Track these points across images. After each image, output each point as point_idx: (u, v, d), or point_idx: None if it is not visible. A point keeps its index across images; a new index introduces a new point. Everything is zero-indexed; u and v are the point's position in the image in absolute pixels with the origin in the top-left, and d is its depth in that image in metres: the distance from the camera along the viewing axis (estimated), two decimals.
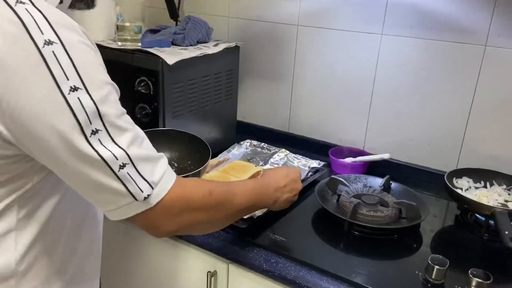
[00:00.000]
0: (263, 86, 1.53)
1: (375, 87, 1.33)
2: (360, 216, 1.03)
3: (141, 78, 1.13)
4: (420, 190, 1.25)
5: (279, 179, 0.90)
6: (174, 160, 1.12)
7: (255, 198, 0.82)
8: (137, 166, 0.59)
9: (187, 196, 0.66)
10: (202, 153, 1.07)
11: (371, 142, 1.38)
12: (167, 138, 1.11)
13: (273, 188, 0.88)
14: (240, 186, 0.80)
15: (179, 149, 1.12)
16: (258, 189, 0.83)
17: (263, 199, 0.85)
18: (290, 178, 0.92)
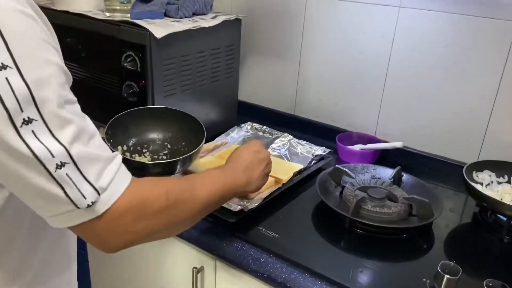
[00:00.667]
0: (268, 64, 1.41)
1: (391, 66, 1.19)
2: (364, 212, 0.92)
3: (128, 53, 1.03)
4: (436, 182, 1.14)
5: (243, 158, 0.84)
6: (167, 141, 1.03)
7: (224, 187, 0.74)
8: (80, 166, 0.50)
9: (141, 201, 0.57)
10: (197, 134, 0.98)
11: (384, 128, 1.26)
12: (160, 117, 1.02)
13: (241, 169, 0.81)
14: (203, 178, 0.72)
15: (172, 129, 1.03)
16: (224, 176, 0.76)
17: (233, 185, 0.77)
18: (252, 151, 0.86)
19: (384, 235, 0.90)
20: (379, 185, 1.02)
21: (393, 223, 0.91)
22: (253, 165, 0.84)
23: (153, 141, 1.04)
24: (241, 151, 0.86)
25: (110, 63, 1.07)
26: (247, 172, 0.82)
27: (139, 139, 1.02)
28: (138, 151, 1.01)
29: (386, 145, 1.18)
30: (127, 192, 0.54)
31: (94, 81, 1.15)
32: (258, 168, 0.85)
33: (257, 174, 0.84)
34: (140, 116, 1.00)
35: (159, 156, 1.02)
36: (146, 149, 1.02)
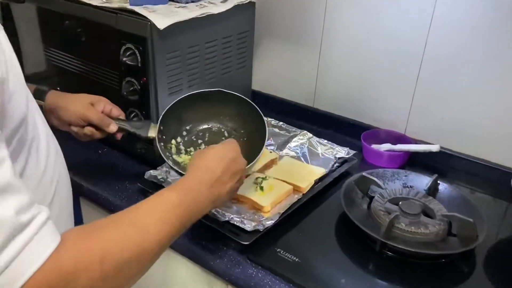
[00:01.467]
0: (284, 51, 1.27)
1: (427, 53, 1.04)
2: (397, 231, 0.81)
3: (127, 45, 0.90)
4: (475, 188, 1.01)
5: (212, 168, 0.67)
6: (224, 128, 0.95)
7: (182, 217, 0.58)
8: None
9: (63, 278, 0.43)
10: (255, 120, 0.89)
11: (415, 125, 1.12)
12: (214, 102, 0.92)
13: (208, 185, 0.65)
14: (154, 215, 0.55)
15: (229, 114, 0.95)
16: (184, 206, 0.59)
17: (195, 211, 0.62)
18: (227, 159, 0.69)
19: (420, 259, 0.78)
20: (413, 196, 0.90)
21: (431, 247, 0.79)
22: (223, 179, 0.67)
23: (209, 129, 0.95)
24: (211, 159, 0.68)
25: (109, 56, 0.95)
26: (215, 188, 0.66)
27: (194, 127, 0.93)
28: (193, 143, 0.92)
29: (420, 148, 1.04)
30: (42, 267, 0.42)
31: (92, 75, 1.03)
32: (229, 183, 0.68)
33: (227, 190, 0.68)
34: (193, 102, 0.90)
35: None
36: (201, 140, 0.93)
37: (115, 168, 1.03)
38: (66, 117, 0.83)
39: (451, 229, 0.83)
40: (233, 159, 0.70)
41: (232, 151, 0.71)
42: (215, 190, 0.66)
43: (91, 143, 1.02)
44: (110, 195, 0.93)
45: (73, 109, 0.83)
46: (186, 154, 0.91)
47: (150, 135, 0.85)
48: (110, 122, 0.85)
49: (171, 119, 0.89)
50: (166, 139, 0.88)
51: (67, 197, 0.70)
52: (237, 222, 0.81)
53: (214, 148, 0.71)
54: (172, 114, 0.88)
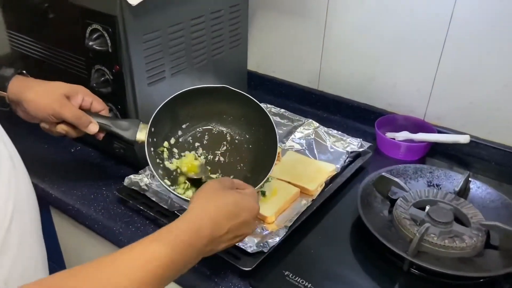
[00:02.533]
0: (284, 26, 1.10)
1: (452, 29, 0.88)
2: (427, 245, 0.67)
3: (93, 26, 0.73)
4: (507, 181, 0.88)
5: (220, 223, 0.53)
6: (226, 131, 0.82)
7: (167, 278, 0.47)
8: None
9: None
10: (263, 125, 0.78)
11: (437, 109, 0.97)
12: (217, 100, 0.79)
13: (205, 241, 0.51)
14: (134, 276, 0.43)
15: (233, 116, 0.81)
16: (174, 264, 0.47)
17: (182, 270, 0.50)
18: (239, 220, 0.55)
19: (455, 279, 0.66)
20: (441, 198, 0.76)
21: (469, 263, 0.66)
22: (224, 239, 0.54)
23: (209, 130, 0.81)
24: (224, 212, 0.54)
25: (73, 39, 0.79)
26: (210, 246, 0.53)
27: (191, 126, 0.80)
28: (189, 146, 0.78)
29: (445, 138, 0.90)
30: None
31: (59, 62, 0.86)
32: (227, 243, 0.55)
33: (219, 248, 0.55)
34: (193, 98, 0.77)
35: (215, 156, 0.79)
36: (199, 142, 0.79)
37: (90, 170, 0.88)
38: (35, 112, 0.68)
39: (489, 239, 0.70)
40: (247, 223, 0.57)
41: (249, 212, 0.57)
42: (209, 247, 0.53)
43: (61, 140, 0.87)
44: (84, 206, 0.79)
45: (43, 103, 0.68)
46: (179, 158, 0.76)
47: (138, 138, 0.71)
48: (89, 121, 0.70)
49: (164, 117, 0.74)
50: (157, 141, 0.74)
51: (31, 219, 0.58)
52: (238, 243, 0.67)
53: (233, 196, 0.57)
54: (166, 111, 0.73)
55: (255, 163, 0.77)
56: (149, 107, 0.77)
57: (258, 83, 1.19)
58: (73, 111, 0.69)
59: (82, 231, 0.83)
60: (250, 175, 0.72)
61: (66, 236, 0.93)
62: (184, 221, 0.51)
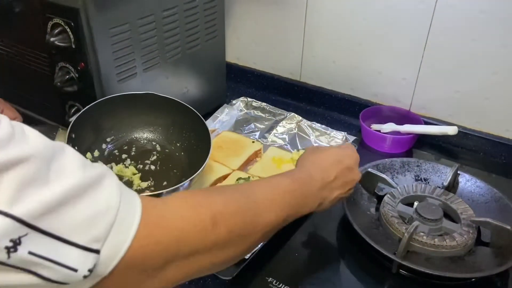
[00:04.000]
0: (262, 14, 1.05)
1: (437, 15, 0.85)
2: (416, 244, 0.64)
3: (54, 20, 0.68)
4: (496, 172, 0.86)
5: (327, 170, 0.60)
6: (155, 140, 0.78)
7: (291, 207, 0.53)
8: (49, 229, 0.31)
9: (171, 239, 0.39)
10: (196, 129, 0.75)
11: (423, 99, 0.94)
12: (144, 107, 0.76)
13: (319, 185, 0.58)
14: (267, 194, 0.51)
15: (162, 124, 0.78)
16: (296, 193, 0.54)
17: (303, 206, 0.56)
18: (343, 166, 0.61)
19: (445, 280, 0.63)
20: (429, 193, 0.74)
21: (460, 264, 0.63)
22: (335, 184, 0.60)
23: (137, 142, 0.76)
24: (328, 158, 0.61)
25: (34, 35, 0.73)
26: (324, 191, 0.58)
27: (116, 139, 0.75)
28: (115, 158, 0.73)
29: (432, 130, 0.87)
30: (141, 230, 0.36)
31: (20, 59, 0.80)
32: (339, 190, 0.60)
33: (333, 197, 0.60)
34: (117, 107, 0.73)
35: (145, 165, 0.74)
36: (126, 155, 0.74)
37: None
38: None
39: (480, 235, 0.68)
40: (350, 168, 0.62)
41: (351, 158, 0.63)
42: (324, 193, 0.58)
43: None
44: None
45: None
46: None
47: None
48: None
49: (86, 127, 0.70)
50: (79, 151, 0.68)
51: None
52: None
53: (332, 149, 0.64)
54: (88, 120, 0.69)
55: (189, 166, 0.73)
56: None
57: (238, 76, 1.14)
58: None
59: None
60: (184, 179, 0.68)
61: None
62: (298, 170, 0.59)
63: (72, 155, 0.35)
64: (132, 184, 0.71)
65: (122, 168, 0.73)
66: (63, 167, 0.33)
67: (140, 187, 0.71)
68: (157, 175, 0.74)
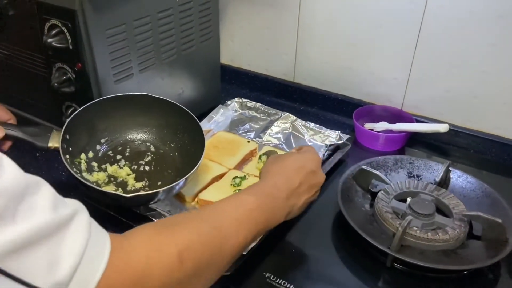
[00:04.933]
0: (256, 16, 1.07)
1: (427, 15, 0.87)
2: (410, 238, 0.66)
3: (52, 22, 0.68)
4: (486, 168, 0.87)
5: (291, 177, 0.60)
6: (149, 141, 0.79)
7: (259, 224, 0.54)
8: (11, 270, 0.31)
9: (138, 280, 0.39)
10: (190, 131, 0.76)
11: (414, 98, 0.96)
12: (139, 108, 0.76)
13: (285, 195, 0.59)
14: (232, 217, 0.51)
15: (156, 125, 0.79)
16: (262, 209, 0.55)
17: (271, 220, 0.57)
18: (306, 170, 0.62)
19: (439, 272, 0.64)
20: (422, 189, 0.75)
21: (452, 257, 0.64)
22: (300, 191, 0.61)
23: (131, 143, 0.77)
24: (290, 165, 0.62)
25: (30, 36, 0.73)
26: (291, 200, 0.59)
27: (111, 140, 0.76)
28: (110, 159, 0.74)
29: (424, 128, 0.89)
30: (107, 273, 0.36)
31: (16, 61, 0.81)
32: (305, 195, 0.62)
33: (301, 203, 0.61)
34: (111, 108, 0.73)
35: (139, 166, 0.75)
36: (121, 155, 0.75)
37: (58, 175, 0.83)
38: None
39: (472, 229, 0.69)
40: (313, 171, 0.63)
41: (312, 162, 0.64)
42: (291, 201, 0.59)
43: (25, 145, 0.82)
44: None
45: None
46: (100, 171, 0.72)
47: (50, 144, 0.66)
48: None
49: (81, 128, 0.70)
50: (73, 152, 0.69)
51: None
52: None
53: (293, 155, 0.65)
54: (82, 121, 0.70)
55: (183, 166, 0.73)
56: None
57: (232, 77, 1.16)
58: None
59: None
60: (179, 178, 0.69)
61: None
62: (262, 182, 0.60)
63: (46, 193, 0.35)
64: (127, 185, 0.72)
65: (117, 169, 0.73)
66: (34, 206, 0.33)
67: (135, 187, 0.72)
68: (151, 176, 0.74)
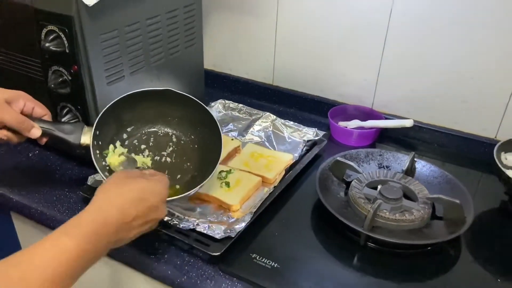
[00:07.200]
0: (237, 24, 1.14)
1: (392, 22, 0.96)
2: (380, 220, 0.74)
3: (48, 27, 0.74)
4: (448, 160, 0.96)
5: (126, 209, 0.54)
6: (172, 133, 0.84)
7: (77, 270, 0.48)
8: None
9: None
10: (207, 125, 0.80)
11: (384, 98, 1.05)
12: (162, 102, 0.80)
13: (113, 230, 0.53)
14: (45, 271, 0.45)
15: (177, 117, 0.83)
16: (83, 253, 0.48)
17: (92, 261, 0.51)
18: (146, 204, 0.57)
19: (406, 249, 0.72)
20: (391, 178, 0.83)
21: (418, 234, 0.72)
22: (132, 225, 0.55)
23: (155, 134, 0.82)
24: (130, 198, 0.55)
25: (28, 41, 0.78)
26: (120, 234, 0.54)
27: (136, 132, 0.81)
28: (135, 148, 0.79)
29: (391, 124, 0.97)
30: None
31: (12, 66, 0.85)
32: (136, 230, 0.56)
33: (129, 237, 0.56)
34: (137, 102, 0.78)
35: (162, 157, 0.81)
36: (145, 145, 0.80)
37: (51, 173, 0.87)
38: None
39: (435, 211, 0.78)
40: (155, 207, 0.58)
41: (156, 196, 0.59)
42: (119, 235, 0.54)
43: (17, 145, 0.86)
44: (47, 208, 0.78)
45: None
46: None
47: (83, 141, 0.71)
48: (31, 126, 0.69)
49: (108, 121, 0.75)
50: (102, 145, 0.74)
51: None
52: (204, 229, 0.70)
53: (140, 183, 0.58)
54: (110, 115, 0.74)
55: (202, 162, 0.79)
56: None
57: (215, 81, 1.22)
58: (15, 116, 0.68)
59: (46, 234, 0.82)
60: (197, 173, 0.73)
61: (29, 242, 0.92)
62: (90, 212, 0.52)
63: None
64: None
65: (141, 159, 0.78)
66: None
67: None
68: (172, 168, 0.79)
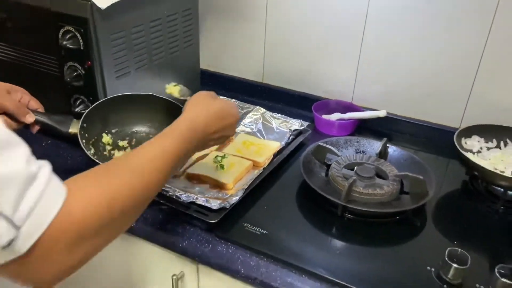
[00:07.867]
0: (230, 27, 1.26)
1: (368, 26, 1.08)
2: (355, 194, 0.85)
3: (66, 28, 0.84)
4: (420, 148, 1.08)
5: (209, 124, 0.69)
6: (152, 134, 0.92)
7: (174, 164, 0.62)
8: None
9: (77, 224, 0.45)
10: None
11: (362, 93, 1.17)
12: (144, 105, 0.91)
13: (200, 136, 0.68)
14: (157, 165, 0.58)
15: (158, 120, 0.92)
16: (177, 151, 0.62)
17: (183, 158, 0.65)
18: (224, 123, 0.72)
19: (378, 218, 0.83)
20: (366, 160, 0.95)
21: (387, 205, 0.84)
22: (213, 136, 0.71)
23: (137, 134, 0.93)
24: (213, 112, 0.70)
25: (45, 41, 0.89)
26: (203, 142, 0.69)
27: (120, 130, 0.91)
28: (118, 147, 0.90)
29: (368, 114, 1.09)
30: (58, 217, 0.43)
31: (30, 63, 0.96)
32: (215, 141, 0.72)
33: (209, 146, 0.72)
34: (122, 104, 0.88)
35: None
36: (128, 144, 0.91)
37: (63, 162, 0.97)
38: None
39: (403, 188, 0.89)
40: (231, 125, 0.73)
41: (233, 117, 0.73)
42: (202, 142, 0.69)
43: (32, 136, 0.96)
44: None
45: None
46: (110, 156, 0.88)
47: (71, 130, 0.81)
48: (27, 112, 0.79)
49: (95, 119, 0.86)
50: (88, 137, 0.85)
51: None
52: (202, 202, 0.80)
53: (220, 103, 0.72)
54: (97, 114, 0.85)
55: None
56: None
57: (211, 80, 1.33)
58: (14, 103, 0.77)
59: None
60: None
61: None
62: (183, 121, 0.67)
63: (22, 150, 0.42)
64: None
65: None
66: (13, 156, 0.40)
67: None
68: None
